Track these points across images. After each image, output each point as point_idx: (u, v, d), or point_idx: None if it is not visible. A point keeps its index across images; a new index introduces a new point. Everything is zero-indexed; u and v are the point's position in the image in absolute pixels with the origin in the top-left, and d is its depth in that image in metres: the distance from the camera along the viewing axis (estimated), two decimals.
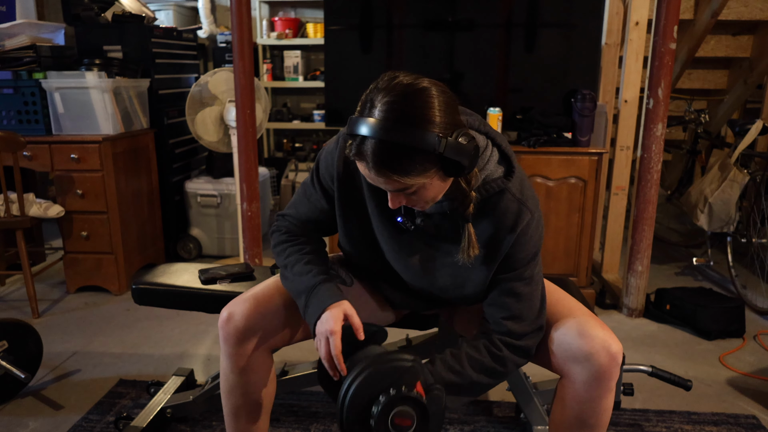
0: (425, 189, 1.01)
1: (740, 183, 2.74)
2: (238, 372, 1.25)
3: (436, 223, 1.16)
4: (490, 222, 1.12)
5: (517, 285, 1.16)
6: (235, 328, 1.22)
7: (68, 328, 2.46)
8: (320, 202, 1.26)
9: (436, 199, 1.06)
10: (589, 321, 1.16)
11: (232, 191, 3.25)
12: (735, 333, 2.40)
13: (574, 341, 1.15)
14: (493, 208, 1.11)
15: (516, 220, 1.11)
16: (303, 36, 4.36)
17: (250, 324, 1.22)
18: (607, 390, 1.15)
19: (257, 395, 1.29)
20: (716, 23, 3.22)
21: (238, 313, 1.23)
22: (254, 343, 1.24)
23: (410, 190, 1.01)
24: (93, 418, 1.83)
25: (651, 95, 2.37)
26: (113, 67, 2.85)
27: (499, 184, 1.10)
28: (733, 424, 1.80)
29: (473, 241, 1.10)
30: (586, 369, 1.14)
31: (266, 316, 1.24)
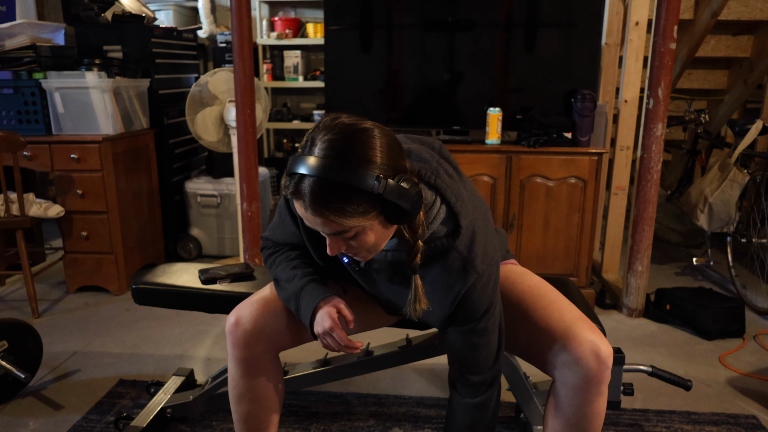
0: (365, 234, 0.97)
1: (740, 183, 2.74)
2: (248, 377, 1.24)
3: (382, 268, 1.14)
4: (439, 273, 1.08)
5: (472, 337, 1.15)
6: (244, 332, 1.21)
7: (68, 328, 2.46)
8: (292, 227, 1.23)
9: (378, 247, 1.02)
10: (578, 324, 1.15)
11: (232, 191, 3.25)
12: (735, 333, 2.40)
13: (564, 346, 1.14)
14: (441, 261, 1.08)
15: (463, 279, 1.07)
16: (303, 36, 4.36)
17: (258, 327, 1.21)
18: (597, 394, 1.15)
19: (267, 400, 1.28)
20: (716, 23, 3.22)
21: (246, 317, 1.22)
22: (263, 346, 1.23)
23: (349, 234, 0.96)
24: (93, 418, 1.83)
25: (651, 95, 2.37)
26: (113, 67, 2.85)
27: (444, 243, 1.06)
28: (733, 424, 1.80)
29: (420, 295, 1.06)
30: (576, 373, 1.13)
31: (274, 318, 1.23)
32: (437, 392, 1.98)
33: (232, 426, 1.76)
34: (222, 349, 2.29)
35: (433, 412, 1.86)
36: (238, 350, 1.22)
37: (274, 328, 1.23)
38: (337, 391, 1.98)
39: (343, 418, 1.82)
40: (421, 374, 2.10)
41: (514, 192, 2.51)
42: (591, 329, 1.15)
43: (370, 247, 1.01)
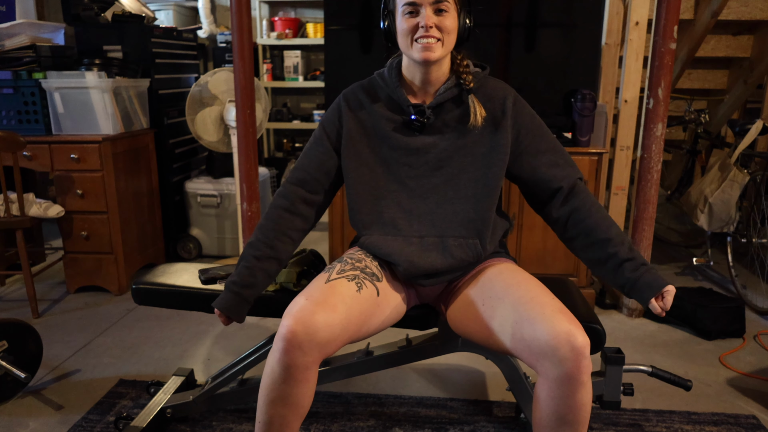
0: (451, 15, 1.30)
1: (740, 183, 2.74)
2: (290, 383, 1.20)
3: (443, 116, 1.39)
4: (487, 99, 1.40)
5: (546, 142, 1.41)
6: (302, 340, 1.16)
7: (68, 328, 2.46)
8: (324, 155, 1.43)
9: (451, 33, 1.32)
10: (556, 315, 1.17)
11: (232, 191, 3.25)
12: (735, 333, 2.40)
13: (541, 337, 1.16)
14: (487, 92, 1.40)
15: (505, 94, 1.40)
16: (303, 36, 4.37)
17: (319, 336, 1.17)
18: (578, 384, 1.15)
19: (302, 406, 1.25)
20: (716, 23, 3.22)
21: (307, 324, 1.17)
22: (314, 356, 1.19)
23: (443, 6, 1.28)
24: (93, 418, 1.83)
25: (651, 95, 2.37)
26: (113, 67, 2.85)
27: (484, 74, 1.42)
28: (733, 424, 1.80)
29: (479, 106, 1.37)
30: (554, 365, 1.14)
31: (334, 327, 1.19)
32: (437, 392, 1.98)
33: (232, 426, 1.76)
34: (222, 349, 2.29)
35: (433, 412, 1.86)
36: (288, 356, 1.17)
37: (332, 336, 1.19)
38: (337, 391, 1.98)
39: (343, 418, 1.82)
40: (421, 374, 2.10)
41: (514, 192, 2.51)
42: (569, 320, 1.16)
43: (449, 28, 1.31)
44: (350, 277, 1.31)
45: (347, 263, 1.36)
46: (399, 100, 1.40)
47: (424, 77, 1.37)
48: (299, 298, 1.24)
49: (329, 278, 1.29)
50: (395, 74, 1.41)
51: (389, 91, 1.42)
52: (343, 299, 1.24)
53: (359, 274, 1.33)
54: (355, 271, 1.33)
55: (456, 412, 1.86)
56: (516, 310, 1.23)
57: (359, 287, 1.29)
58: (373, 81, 1.47)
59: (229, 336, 2.39)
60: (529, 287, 1.27)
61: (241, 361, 1.72)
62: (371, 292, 1.31)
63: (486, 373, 2.11)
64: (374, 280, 1.34)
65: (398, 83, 1.40)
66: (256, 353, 1.71)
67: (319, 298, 1.22)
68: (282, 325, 1.19)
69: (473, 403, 1.90)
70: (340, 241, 2.60)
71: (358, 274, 1.32)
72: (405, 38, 1.32)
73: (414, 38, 1.30)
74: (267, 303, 1.57)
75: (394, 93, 1.40)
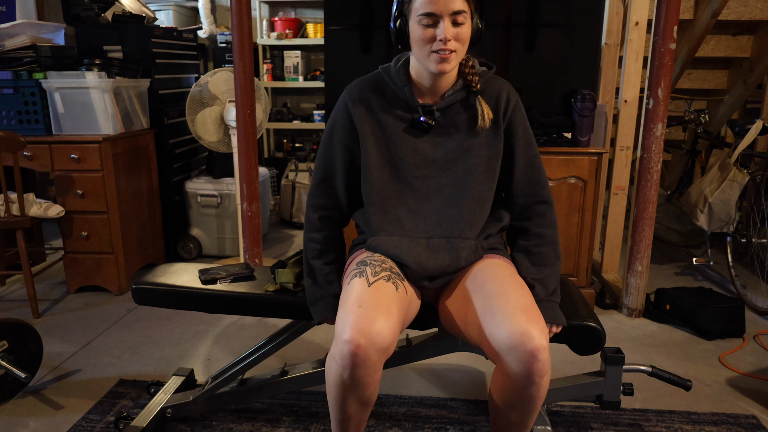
0: (467, 24, 1.30)
1: (740, 183, 2.74)
2: (364, 387, 1.20)
3: (450, 117, 1.40)
4: (489, 99, 1.42)
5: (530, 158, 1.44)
6: (375, 349, 1.15)
7: (68, 328, 2.47)
8: (336, 159, 1.45)
9: (466, 43, 1.33)
10: (517, 314, 1.18)
11: (232, 191, 3.25)
12: (735, 333, 2.40)
13: (498, 333, 1.17)
14: (489, 90, 1.42)
15: (507, 97, 1.42)
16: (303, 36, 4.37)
17: (385, 340, 1.16)
18: (529, 383, 1.17)
19: (373, 400, 1.27)
20: (716, 23, 3.22)
21: (377, 331, 1.15)
22: (380, 359, 1.17)
23: (460, 17, 1.28)
24: (93, 418, 1.83)
25: (651, 95, 2.37)
26: (113, 67, 2.85)
27: (488, 73, 1.44)
28: (733, 424, 1.80)
29: (486, 108, 1.39)
30: (509, 362, 1.17)
31: (391, 327, 1.18)
32: (437, 392, 1.98)
33: (232, 426, 1.77)
34: (222, 349, 2.29)
35: (433, 412, 1.86)
36: (356, 371, 1.16)
37: (393, 338, 1.18)
38: None
39: None
40: (421, 374, 2.10)
41: None
42: (528, 320, 1.17)
43: (465, 38, 1.31)
44: (386, 277, 1.30)
45: (375, 265, 1.33)
46: (408, 101, 1.41)
47: (433, 82, 1.38)
48: (352, 306, 1.19)
49: (370, 282, 1.27)
50: (403, 73, 1.41)
51: (397, 90, 1.42)
52: (392, 300, 1.24)
53: (390, 274, 1.32)
54: (386, 272, 1.32)
55: (456, 412, 1.86)
56: (483, 303, 1.25)
57: (396, 287, 1.30)
58: (378, 78, 1.46)
59: (229, 336, 2.39)
60: (503, 283, 1.28)
61: (241, 361, 1.72)
62: (403, 291, 1.32)
63: (486, 373, 2.11)
64: (401, 279, 1.35)
65: (407, 83, 1.40)
66: (256, 353, 1.71)
67: (373, 304, 1.19)
68: (343, 339, 1.15)
69: (473, 403, 1.90)
70: None
71: (390, 275, 1.32)
72: (421, 47, 1.31)
73: (431, 50, 1.30)
74: (267, 303, 1.57)
75: (402, 93, 1.41)
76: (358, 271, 1.33)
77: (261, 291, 1.59)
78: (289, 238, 3.78)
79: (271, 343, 1.71)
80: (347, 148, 1.44)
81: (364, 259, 1.38)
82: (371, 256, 1.39)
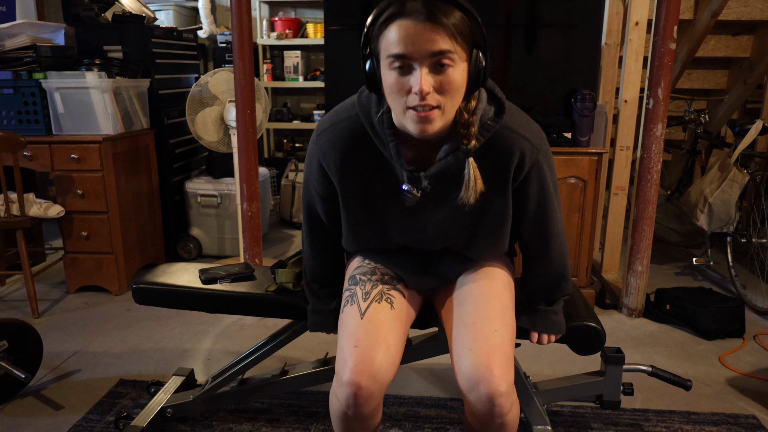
0: (454, 70, 1.00)
1: (740, 183, 2.74)
2: (369, 419, 1.18)
3: (446, 182, 1.15)
4: (495, 162, 1.13)
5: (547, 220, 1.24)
6: (377, 386, 1.13)
7: (68, 328, 2.46)
8: (318, 206, 1.31)
9: (458, 92, 1.03)
10: (481, 355, 1.11)
11: (232, 191, 3.25)
12: (735, 333, 2.40)
13: (462, 367, 1.13)
14: (496, 147, 1.12)
15: (522, 157, 1.13)
16: (303, 36, 4.37)
17: (386, 375, 1.14)
18: (491, 424, 1.13)
19: (377, 426, 1.25)
20: (716, 23, 3.22)
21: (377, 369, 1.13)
22: (382, 390, 1.15)
23: (445, 60, 0.98)
24: (93, 418, 1.83)
25: (651, 95, 2.37)
26: (113, 67, 2.85)
27: (496, 121, 1.11)
28: (733, 424, 1.80)
29: (476, 176, 1.10)
30: (472, 400, 1.12)
31: (390, 362, 1.16)
32: (437, 392, 1.98)
33: (232, 426, 1.77)
34: (222, 348, 2.29)
35: (433, 412, 1.86)
36: (360, 409, 1.13)
37: (393, 368, 1.16)
38: None
39: None
40: (421, 374, 2.10)
41: None
42: (490, 363, 1.10)
43: (454, 87, 1.01)
44: (377, 298, 1.23)
45: (365, 282, 1.27)
46: (393, 162, 1.15)
47: (421, 139, 1.13)
48: (348, 346, 1.16)
49: (362, 312, 1.21)
50: (387, 125, 1.12)
51: (379, 145, 1.15)
52: (389, 328, 1.19)
53: (382, 289, 1.26)
54: (376, 287, 1.25)
55: (456, 412, 1.86)
56: (457, 325, 1.21)
57: (390, 303, 1.23)
58: (356, 127, 1.16)
59: (229, 336, 2.39)
60: (483, 306, 1.22)
61: (241, 361, 1.72)
62: (400, 299, 1.27)
63: None
64: (395, 284, 1.29)
65: (393, 137, 1.12)
66: (256, 353, 1.71)
67: (369, 341, 1.15)
68: (343, 380, 1.12)
69: None
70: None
71: (382, 289, 1.25)
72: (394, 100, 1.04)
73: (407, 105, 1.02)
74: (267, 303, 1.57)
75: (387, 151, 1.14)
76: (350, 294, 1.27)
77: (261, 291, 1.59)
78: (289, 238, 3.78)
79: (271, 343, 1.71)
80: (327, 201, 1.29)
81: (354, 273, 1.32)
82: (363, 269, 1.32)
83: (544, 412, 1.63)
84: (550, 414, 1.84)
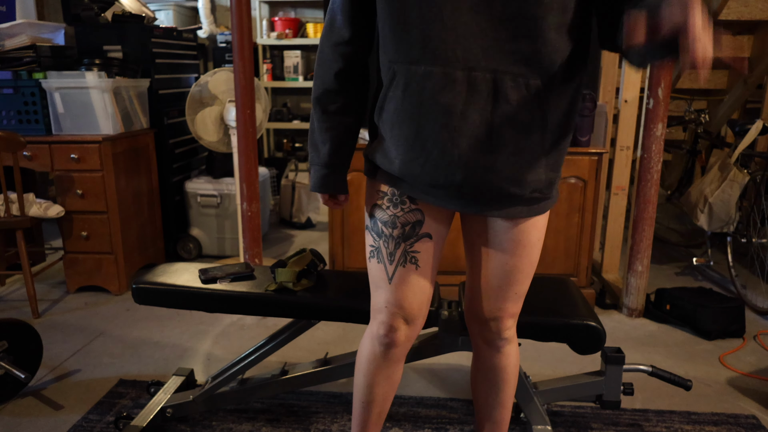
0: None
1: (740, 183, 2.74)
2: (393, 365, 1.29)
3: None
4: None
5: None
6: (405, 338, 1.25)
7: (68, 328, 2.46)
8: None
9: None
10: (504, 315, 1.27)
11: (232, 191, 3.25)
12: (735, 333, 2.40)
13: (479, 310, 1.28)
14: None
15: None
16: (303, 36, 4.37)
17: (416, 331, 1.27)
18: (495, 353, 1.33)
19: (398, 381, 1.33)
20: (716, 23, 3.22)
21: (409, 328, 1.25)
22: (410, 341, 1.27)
23: None
24: (93, 418, 1.83)
25: (651, 95, 2.37)
26: (113, 67, 2.85)
27: None
28: (733, 424, 1.80)
29: None
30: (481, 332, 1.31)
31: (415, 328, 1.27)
32: (437, 392, 1.98)
33: (232, 426, 1.77)
34: (222, 348, 2.29)
35: (433, 412, 1.86)
36: (396, 349, 1.26)
37: (420, 323, 1.27)
38: (337, 391, 1.98)
39: (343, 418, 1.82)
40: (421, 374, 2.10)
41: None
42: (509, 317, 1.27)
43: None
44: (402, 261, 1.20)
45: (388, 238, 1.20)
46: None
47: None
48: (380, 300, 1.24)
49: (389, 276, 1.21)
50: None
51: None
52: (414, 291, 1.23)
53: (405, 247, 1.19)
54: (399, 246, 1.19)
55: (456, 412, 1.86)
56: (480, 282, 1.28)
57: (416, 263, 1.21)
58: None
59: (229, 336, 2.39)
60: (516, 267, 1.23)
61: (241, 361, 1.72)
62: (425, 251, 1.21)
63: None
64: (419, 230, 1.20)
65: None
66: (256, 353, 1.71)
67: (397, 304, 1.23)
68: (379, 321, 1.24)
69: (473, 403, 1.90)
70: (340, 241, 2.60)
71: (405, 248, 1.19)
72: None
73: None
74: (267, 302, 1.57)
75: None
76: (375, 249, 1.22)
77: (261, 290, 1.59)
78: (289, 238, 3.78)
79: (271, 343, 1.71)
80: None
81: (376, 216, 1.21)
82: (384, 218, 1.19)
83: (544, 412, 1.63)
84: (550, 414, 1.84)
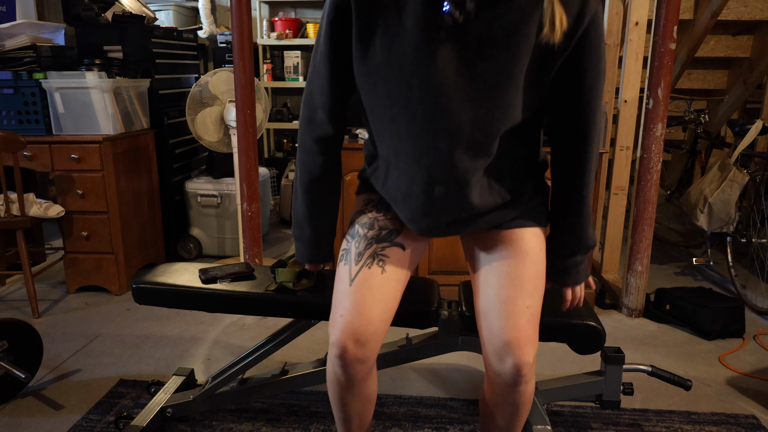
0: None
1: (740, 183, 2.74)
2: (359, 384, 1.21)
3: (495, 14, 0.96)
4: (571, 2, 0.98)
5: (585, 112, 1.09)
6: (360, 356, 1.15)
7: (68, 328, 2.47)
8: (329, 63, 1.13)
9: None
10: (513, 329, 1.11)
11: (232, 191, 3.25)
12: (735, 333, 2.40)
13: (493, 338, 1.13)
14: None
15: (584, 5, 0.99)
16: (303, 36, 4.37)
17: (374, 344, 1.16)
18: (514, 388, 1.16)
19: (373, 395, 1.28)
20: (716, 23, 3.23)
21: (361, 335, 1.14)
22: (372, 354, 1.17)
23: None
24: (93, 418, 1.83)
25: (651, 95, 2.37)
26: (113, 67, 2.85)
27: None
28: (732, 424, 1.80)
29: (560, 11, 0.94)
30: (496, 366, 1.14)
31: (374, 332, 1.16)
32: (437, 392, 1.98)
33: (232, 426, 1.77)
34: (222, 348, 2.29)
35: (433, 412, 1.86)
36: (347, 370, 1.16)
37: (381, 332, 1.17)
38: None
39: None
40: (421, 374, 2.10)
41: None
42: (521, 338, 1.11)
43: None
44: (368, 262, 1.19)
45: (361, 239, 1.22)
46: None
47: None
48: (336, 310, 1.18)
49: (351, 277, 1.18)
50: None
51: None
52: (374, 297, 1.16)
53: (376, 249, 1.20)
54: (370, 247, 1.20)
55: (456, 412, 1.86)
56: (492, 296, 1.17)
57: (382, 266, 1.19)
58: None
59: (229, 336, 2.39)
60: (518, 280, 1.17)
61: (241, 361, 1.72)
62: (396, 257, 1.21)
63: None
64: (394, 237, 1.21)
65: None
66: (256, 353, 1.71)
67: (353, 311, 1.15)
68: (331, 342, 1.16)
69: (473, 403, 1.90)
70: (339, 241, 2.60)
71: (375, 250, 1.20)
72: None
73: None
74: (267, 302, 1.57)
75: None
76: (346, 249, 1.23)
77: (261, 290, 1.59)
78: (289, 237, 3.78)
79: (271, 343, 1.71)
80: (337, 58, 1.12)
81: (355, 219, 1.26)
82: (362, 220, 1.25)
83: (544, 412, 1.63)
84: (550, 414, 1.84)
